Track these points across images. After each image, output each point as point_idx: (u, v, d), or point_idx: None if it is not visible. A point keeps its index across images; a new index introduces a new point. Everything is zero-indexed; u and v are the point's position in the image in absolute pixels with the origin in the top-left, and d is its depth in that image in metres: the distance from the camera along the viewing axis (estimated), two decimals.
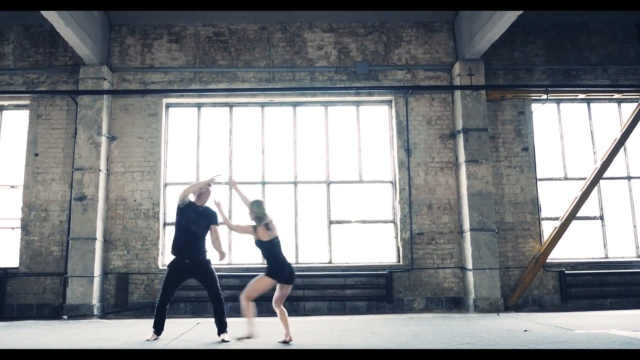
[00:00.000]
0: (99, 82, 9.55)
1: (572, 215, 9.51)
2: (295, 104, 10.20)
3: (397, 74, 10.08)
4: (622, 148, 9.92)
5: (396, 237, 9.72)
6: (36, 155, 9.61)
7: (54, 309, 9.12)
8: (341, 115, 10.24)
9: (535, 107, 10.09)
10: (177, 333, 6.40)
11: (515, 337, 5.62)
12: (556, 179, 10.06)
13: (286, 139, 10.10)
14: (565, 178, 10.05)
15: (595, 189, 9.78)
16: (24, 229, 9.43)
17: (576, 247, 9.81)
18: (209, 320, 7.35)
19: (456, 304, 9.40)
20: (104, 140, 9.50)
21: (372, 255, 9.69)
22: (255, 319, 5.57)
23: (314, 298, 9.29)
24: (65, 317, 8.75)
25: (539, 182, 9.89)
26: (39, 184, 9.54)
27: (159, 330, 5.91)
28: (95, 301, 9.00)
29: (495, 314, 8.55)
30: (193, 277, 6.00)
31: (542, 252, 9.39)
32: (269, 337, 5.80)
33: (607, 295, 9.47)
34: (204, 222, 5.95)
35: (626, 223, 9.93)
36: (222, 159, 9.99)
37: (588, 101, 10.31)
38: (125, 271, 9.33)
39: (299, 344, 5.43)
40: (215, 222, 6.04)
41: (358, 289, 9.38)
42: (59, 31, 8.50)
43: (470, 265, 9.16)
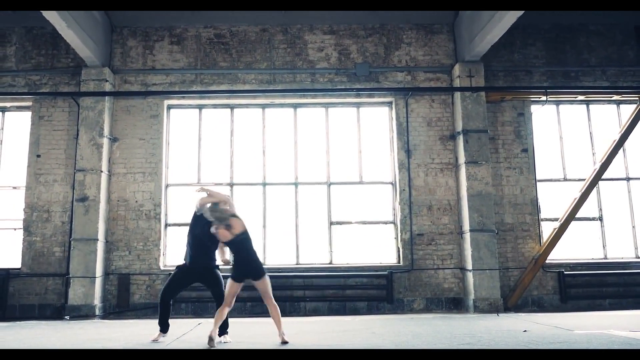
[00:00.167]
0: (100, 83, 9.60)
1: (571, 216, 9.55)
2: (296, 106, 10.24)
3: (397, 75, 10.12)
4: (621, 149, 9.97)
5: (396, 238, 9.76)
6: (38, 156, 9.65)
7: (56, 309, 9.17)
8: (342, 116, 10.29)
9: (534, 108, 10.13)
10: (179, 333, 6.43)
11: (515, 338, 5.65)
12: (555, 180, 10.09)
13: (287, 140, 10.14)
14: (565, 179, 10.09)
15: (595, 190, 9.82)
16: (26, 230, 9.48)
17: (575, 248, 9.85)
18: (210, 320, 7.37)
19: (456, 304, 9.43)
20: (105, 141, 9.54)
21: (373, 256, 9.73)
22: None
23: (315, 298, 9.33)
24: (67, 317, 8.80)
25: (538, 183, 9.93)
26: (41, 185, 9.58)
27: (164, 328, 5.92)
28: (97, 302, 9.04)
29: (494, 315, 8.59)
30: (200, 282, 6.07)
31: (541, 253, 9.43)
32: (269, 338, 5.84)
33: (606, 296, 9.50)
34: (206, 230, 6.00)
35: (625, 224, 9.97)
36: (223, 160, 10.04)
37: (587, 103, 10.35)
38: (126, 272, 9.37)
39: (299, 344, 5.46)
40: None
41: (358, 290, 9.42)
42: (60, 33, 8.55)
43: (470, 266, 9.20)
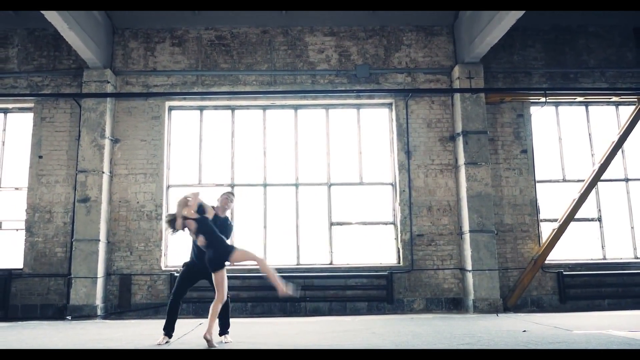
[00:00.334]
0: (102, 85, 9.64)
1: (570, 217, 9.59)
2: (296, 107, 10.29)
3: (397, 77, 10.17)
4: (620, 150, 10.01)
5: (396, 239, 9.80)
6: (40, 157, 9.70)
7: (58, 309, 9.21)
8: (342, 117, 10.33)
9: (534, 109, 10.17)
10: (180, 333, 6.44)
11: (514, 338, 5.67)
12: (555, 181, 10.14)
13: (288, 142, 10.18)
14: (564, 180, 10.13)
15: (593, 190, 9.86)
16: (28, 231, 9.52)
17: (574, 249, 9.89)
18: None
19: (456, 304, 9.47)
20: (107, 142, 9.59)
21: (373, 256, 9.77)
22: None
23: (315, 299, 9.36)
24: (69, 317, 8.84)
25: (537, 184, 9.97)
26: (43, 186, 9.62)
27: (169, 333, 5.73)
28: (99, 302, 9.08)
29: (494, 315, 8.63)
30: (206, 279, 6.08)
31: (540, 254, 9.46)
32: (269, 338, 5.88)
33: (605, 296, 9.55)
34: (222, 233, 6.03)
35: (624, 224, 10.01)
36: (224, 161, 10.08)
37: (586, 104, 10.39)
38: (128, 272, 9.41)
39: (300, 344, 5.50)
40: (228, 235, 6.14)
41: (359, 290, 9.46)
42: (62, 34, 8.59)
43: (469, 267, 9.24)
